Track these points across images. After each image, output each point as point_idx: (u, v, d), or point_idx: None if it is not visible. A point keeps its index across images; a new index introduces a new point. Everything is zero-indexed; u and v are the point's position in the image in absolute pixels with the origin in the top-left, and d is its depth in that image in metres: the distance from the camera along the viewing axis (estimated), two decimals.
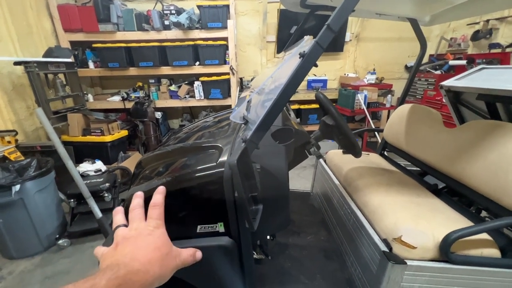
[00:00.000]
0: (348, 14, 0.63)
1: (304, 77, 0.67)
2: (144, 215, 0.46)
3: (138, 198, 0.50)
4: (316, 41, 0.64)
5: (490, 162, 1.02)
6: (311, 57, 0.64)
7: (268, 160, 0.81)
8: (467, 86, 1.64)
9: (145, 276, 0.36)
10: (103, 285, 0.32)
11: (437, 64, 3.78)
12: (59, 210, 2.21)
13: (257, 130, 0.67)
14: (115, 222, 0.48)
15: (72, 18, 3.23)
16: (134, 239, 0.41)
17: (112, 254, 0.40)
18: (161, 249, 0.40)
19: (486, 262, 0.91)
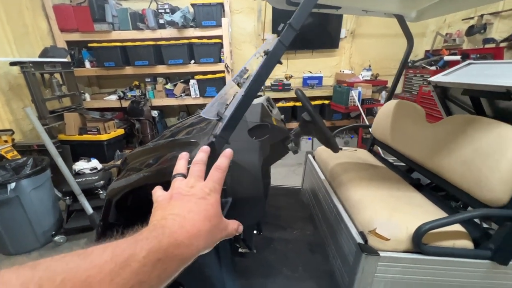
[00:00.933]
0: (307, 13, 0.65)
1: (269, 74, 0.69)
2: (204, 173, 0.43)
3: (204, 153, 0.46)
4: (279, 40, 0.66)
5: (465, 157, 1.05)
6: (275, 54, 0.67)
7: (242, 155, 0.84)
8: (453, 81, 1.65)
9: (187, 250, 0.33)
10: (142, 257, 0.28)
11: (432, 60, 3.78)
12: (55, 207, 2.26)
13: (225, 126, 0.70)
14: (176, 169, 0.45)
15: (68, 18, 3.27)
16: (188, 199, 0.38)
17: (164, 206, 0.37)
18: (211, 220, 0.37)
19: (457, 253, 0.94)
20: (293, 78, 4.11)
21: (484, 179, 0.95)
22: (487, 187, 0.94)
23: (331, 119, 3.90)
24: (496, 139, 0.96)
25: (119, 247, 0.28)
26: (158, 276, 0.29)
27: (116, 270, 0.25)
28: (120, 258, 0.26)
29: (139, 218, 0.95)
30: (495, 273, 0.93)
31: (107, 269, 0.25)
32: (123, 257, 0.27)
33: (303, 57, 4.19)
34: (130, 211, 0.97)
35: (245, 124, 0.97)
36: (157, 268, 0.29)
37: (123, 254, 0.27)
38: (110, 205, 0.92)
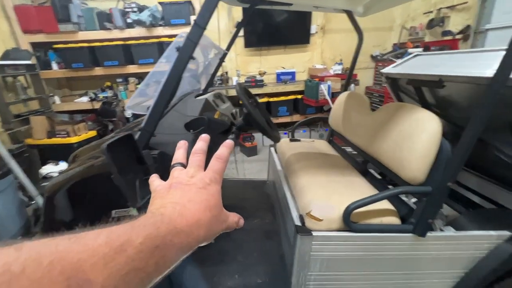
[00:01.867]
0: (212, 10, 0.70)
1: (183, 69, 0.74)
2: (204, 163, 0.42)
3: (203, 142, 0.45)
4: (187, 37, 0.71)
5: (393, 140, 1.14)
6: (185, 51, 0.71)
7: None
8: (399, 72, 1.76)
9: (187, 238, 0.31)
10: (138, 243, 0.26)
11: (399, 53, 3.93)
12: (21, 211, 2.22)
13: (147, 120, 0.74)
14: (175, 158, 0.44)
15: (30, 19, 3.17)
16: (188, 188, 0.37)
17: (163, 194, 0.37)
18: (212, 210, 0.36)
19: (384, 228, 1.03)
20: (267, 74, 4.18)
21: (405, 160, 1.04)
22: (408, 167, 1.03)
23: (305, 113, 4.00)
24: (414, 122, 1.05)
25: (114, 232, 0.26)
26: (156, 264, 0.28)
27: (110, 254, 0.24)
28: (116, 243, 0.25)
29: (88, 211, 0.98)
30: (416, 245, 1.02)
31: (100, 253, 0.23)
32: (119, 242, 0.25)
33: (276, 53, 4.26)
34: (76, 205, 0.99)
35: (184, 118, 1.02)
36: (154, 256, 0.27)
37: (118, 239, 0.25)
38: (50, 202, 0.94)
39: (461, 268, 1.08)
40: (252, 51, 4.19)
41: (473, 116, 0.84)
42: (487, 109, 0.81)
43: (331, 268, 1.06)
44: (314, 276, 1.08)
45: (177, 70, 0.72)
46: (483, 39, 3.05)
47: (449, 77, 1.29)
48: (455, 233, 1.03)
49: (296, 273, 1.06)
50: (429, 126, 0.98)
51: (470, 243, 1.03)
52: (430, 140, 0.96)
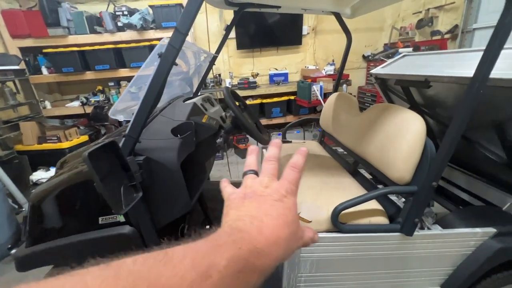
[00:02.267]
0: (193, 16, 0.70)
1: (166, 76, 0.74)
2: (278, 172, 0.38)
3: (276, 148, 0.41)
4: (169, 43, 0.71)
5: (380, 141, 1.15)
6: (167, 57, 0.71)
7: (159, 152, 0.88)
8: (388, 73, 1.78)
9: (267, 260, 0.29)
10: (222, 267, 0.25)
11: (389, 53, 3.97)
12: (11, 220, 2.18)
13: (131, 126, 0.74)
14: (246, 164, 0.41)
15: (19, 24, 3.14)
16: (264, 200, 0.34)
17: (238, 205, 0.34)
18: (290, 226, 0.33)
19: (372, 228, 1.04)
20: (260, 75, 4.18)
21: (392, 160, 1.05)
22: (394, 167, 1.04)
23: (298, 114, 4.01)
24: (399, 123, 1.06)
25: (199, 252, 0.25)
26: None
27: (198, 281, 0.23)
28: (201, 267, 0.24)
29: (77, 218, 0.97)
30: (404, 243, 1.04)
31: (188, 279, 0.23)
32: (204, 266, 0.24)
33: (269, 54, 4.27)
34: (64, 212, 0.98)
35: (171, 123, 1.01)
36: (238, 280, 0.26)
37: (203, 262, 0.24)
38: (35, 210, 0.93)
39: (449, 266, 1.09)
40: (244, 52, 4.19)
41: (455, 116, 0.86)
42: (468, 109, 0.83)
43: (321, 269, 1.07)
44: (304, 278, 1.08)
45: (159, 76, 0.72)
46: (471, 38, 3.11)
47: (435, 77, 1.32)
48: (442, 231, 1.04)
49: (287, 275, 1.06)
50: (414, 127, 0.99)
51: (457, 241, 1.04)
52: (415, 140, 0.97)
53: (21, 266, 1.03)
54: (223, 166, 3.43)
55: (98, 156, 0.66)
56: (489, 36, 0.81)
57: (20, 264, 1.02)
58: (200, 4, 0.69)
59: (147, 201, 0.88)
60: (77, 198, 0.89)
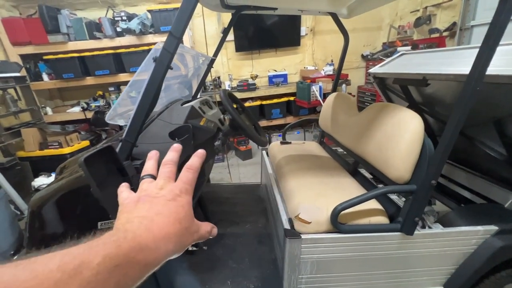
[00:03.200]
0: (187, 20, 0.70)
1: (161, 80, 0.74)
2: (175, 175, 0.41)
3: (174, 152, 0.43)
4: (163, 48, 0.71)
5: (378, 140, 1.14)
6: (162, 61, 0.71)
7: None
8: (386, 72, 1.78)
9: (153, 254, 0.30)
10: (96, 264, 0.25)
11: (388, 51, 3.97)
12: (14, 226, 2.19)
13: (128, 131, 0.74)
14: (144, 169, 0.43)
15: (19, 31, 3.16)
16: (157, 201, 0.35)
17: (130, 209, 0.35)
18: (182, 222, 0.34)
19: (372, 228, 1.03)
20: (259, 77, 4.19)
21: (390, 159, 1.04)
22: (393, 166, 1.04)
23: (298, 115, 4.01)
24: (397, 122, 1.06)
25: (69, 254, 0.25)
26: (116, 284, 0.26)
27: (64, 279, 0.23)
28: (69, 266, 0.23)
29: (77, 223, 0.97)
30: (405, 243, 1.03)
31: (51, 280, 0.22)
32: (73, 264, 0.24)
33: (268, 56, 4.28)
34: (65, 217, 0.98)
35: (169, 127, 1.02)
36: (114, 275, 0.26)
37: (73, 262, 0.24)
38: (35, 216, 0.93)
39: (451, 264, 1.08)
40: (243, 55, 4.21)
41: (452, 113, 0.85)
42: (465, 106, 0.82)
43: (321, 270, 1.06)
44: (305, 279, 1.07)
45: (155, 80, 0.72)
46: (469, 35, 3.10)
47: (432, 75, 1.31)
48: (442, 229, 1.03)
49: (287, 277, 1.06)
50: (412, 126, 0.99)
51: (458, 239, 1.03)
52: (413, 139, 0.97)
53: None
54: (223, 169, 3.43)
55: (95, 161, 0.67)
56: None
57: None
58: (193, 8, 0.69)
59: None
60: (76, 203, 0.89)
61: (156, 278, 1.04)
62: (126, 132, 0.74)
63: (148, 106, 0.74)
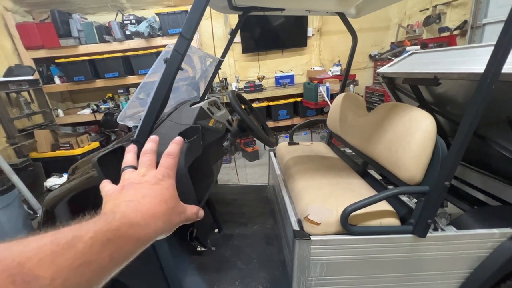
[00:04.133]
0: (197, 22, 0.71)
1: (172, 81, 0.75)
2: (155, 162, 0.43)
3: (152, 142, 0.46)
4: (174, 49, 0.72)
5: (388, 140, 1.13)
6: (172, 63, 0.72)
7: None
8: (395, 71, 1.75)
9: (143, 230, 0.32)
10: (88, 238, 0.26)
11: (397, 51, 3.92)
12: (27, 225, 2.25)
13: (139, 131, 0.75)
14: (124, 161, 0.45)
15: (32, 36, 3.26)
16: (141, 186, 0.37)
17: (116, 196, 0.36)
18: (168, 203, 0.36)
19: (382, 230, 1.01)
20: (266, 78, 4.20)
21: (401, 160, 1.03)
22: (404, 167, 1.02)
23: (305, 116, 3.99)
24: (408, 122, 1.04)
25: (60, 232, 0.26)
26: (110, 256, 0.27)
27: (58, 251, 0.24)
28: (62, 240, 0.25)
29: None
30: (417, 245, 1.01)
31: (48, 251, 0.23)
32: (66, 239, 0.25)
33: (274, 57, 4.28)
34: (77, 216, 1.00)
35: (178, 127, 1.03)
36: (107, 248, 0.27)
37: (65, 237, 0.25)
38: (48, 215, 0.95)
39: (465, 268, 1.05)
40: (250, 56, 4.22)
41: (466, 112, 0.83)
42: (479, 105, 0.80)
43: (331, 272, 1.05)
44: (314, 281, 1.06)
45: (165, 82, 0.73)
46: (481, 34, 3.03)
47: (444, 75, 1.28)
48: (456, 232, 1.01)
49: (297, 278, 1.05)
50: (423, 125, 0.97)
51: (472, 242, 1.01)
52: (425, 139, 0.95)
53: None
54: (231, 170, 3.44)
55: (107, 161, 0.68)
56: (500, 31, 0.78)
57: None
58: (204, 9, 0.70)
59: None
60: (87, 203, 0.91)
61: (166, 278, 1.05)
62: (137, 132, 0.75)
63: (159, 107, 0.75)
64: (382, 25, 4.31)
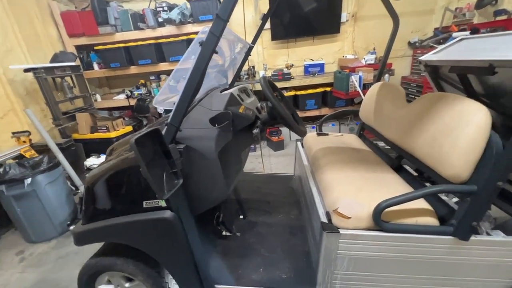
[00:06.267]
0: (234, 2, 0.68)
1: (207, 64, 0.74)
2: None
3: None
4: (210, 31, 0.70)
5: (431, 134, 1.04)
6: (208, 45, 0.71)
7: (198, 141, 0.90)
8: (441, 59, 1.60)
9: None
10: None
11: (441, 38, 3.57)
12: (70, 199, 2.47)
13: (173, 115, 0.76)
14: None
15: (74, 24, 3.46)
16: None
17: None
18: None
19: (419, 229, 0.95)
20: (294, 66, 4.08)
21: (446, 155, 0.94)
22: (448, 163, 0.93)
23: (334, 106, 3.85)
24: (457, 114, 0.94)
25: None
26: None
27: None
28: None
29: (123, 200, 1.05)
30: (458, 249, 0.93)
31: None
32: None
33: (304, 44, 4.13)
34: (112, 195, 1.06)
35: (209, 113, 1.03)
36: None
37: None
38: (89, 192, 1.02)
39: (510, 278, 0.96)
40: (279, 43, 4.11)
41: None
42: None
43: (359, 268, 1.02)
44: (340, 275, 1.04)
45: (200, 64, 0.73)
46: None
47: (502, 62, 1.13)
48: (505, 238, 0.91)
49: (322, 270, 1.03)
50: (476, 118, 0.87)
51: None
52: (477, 134, 0.86)
53: (78, 241, 1.15)
54: (255, 158, 3.45)
55: (144, 143, 0.70)
56: None
57: (77, 239, 1.15)
58: None
59: (186, 188, 0.91)
60: (124, 182, 0.96)
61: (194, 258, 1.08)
62: (172, 116, 0.76)
63: (193, 91, 0.75)
64: (425, 8, 3.93)
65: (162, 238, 0.96)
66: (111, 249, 1.22)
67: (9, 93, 2.81)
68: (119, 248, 1.18)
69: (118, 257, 1.14)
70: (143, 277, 1.13)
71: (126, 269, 1.13)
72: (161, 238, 0.96)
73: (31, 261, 2.09)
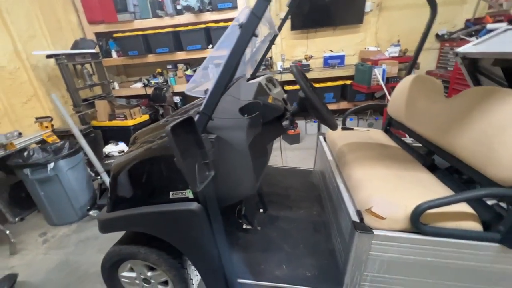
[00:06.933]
0: None
1: (245, 47, 0.69)
2: None
3: None
4: (252, 11, 0.65)
5: (478, 131, 0.95)
6: (248, 27, 0.66)
7: (228, 131, 0.86)
8: (483, 51, 1.48)
9: None
10: None
11: (473, 30, 3.35)
12: (90, 185, 2.52)
13: (206, 103, 0.72)
14: None
15: (94, 10, 3.46)
16: None
17: None
18: None
19: (461, 234, 0.88)
20: (313, 58, 3.95)
21: (496, 156, 0.86)
22: (498, 165, 0.85)
23: (353, 100, 3.72)
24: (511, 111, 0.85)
25: None
26: None
27: None
28: None
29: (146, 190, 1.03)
30: (505, 257, 0.86)
31: None
32: None
33: (324, 35, 3.98)
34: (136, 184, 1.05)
35: (238, 102, 0.98)
36: None
37: None
38: (115, 180, 1.01)
39: None
40: (298, 33, 3.98)
41: None
42: None
43: (391, 271, 0.96)
44: (370, 277, 0.99)
45: (239, 48, 0.68)
46: None
47: None
48: None
49: (351, 271, 0.99)
50: None
51: None
52: None
53: (102, 228, 1.15)
54: (274, 151, 3.40)
55: (178, 131, 0.66)
56: None
57: (102, 226, 1.15)
58: None
59: (215, 180, 0.88)
60: (151, 172, 0.94)
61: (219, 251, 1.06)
62: (205, 104, 0.72)
63: (229, 76, 0.70)
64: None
65: (188, 229, 0.94)
66: (133, 238, 1.22)
67: (32, 79, 2.87)
68: (141, 236, 1.17)
69: (142, 246, 1.13)
70: (165, 267, 1.12)
71: (149, 258, 1.12)
72: (187, 229, 0.94)
73: (54, 243, 2.15)
